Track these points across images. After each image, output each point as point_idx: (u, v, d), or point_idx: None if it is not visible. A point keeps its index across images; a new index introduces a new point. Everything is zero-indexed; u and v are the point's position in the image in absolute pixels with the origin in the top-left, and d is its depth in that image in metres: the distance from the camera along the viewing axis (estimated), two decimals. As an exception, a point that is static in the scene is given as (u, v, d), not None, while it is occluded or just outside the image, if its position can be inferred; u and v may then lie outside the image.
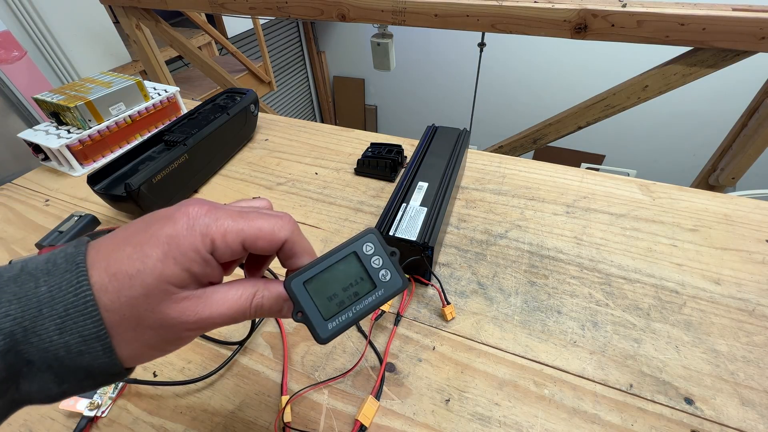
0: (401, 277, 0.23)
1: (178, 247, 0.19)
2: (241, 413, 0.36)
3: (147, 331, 0.19)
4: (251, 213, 0.22)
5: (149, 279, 0.18)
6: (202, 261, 0.20)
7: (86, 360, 0.18)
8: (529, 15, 0.88)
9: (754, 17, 0.74)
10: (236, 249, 0.21)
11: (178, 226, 0.20)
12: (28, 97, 1.52)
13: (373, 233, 0.24)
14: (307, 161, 0.70)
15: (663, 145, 3.02)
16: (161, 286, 0.19)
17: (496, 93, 3.26)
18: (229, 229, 0.20)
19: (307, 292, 0.22)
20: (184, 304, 0.20)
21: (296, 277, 0.22)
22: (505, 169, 0.65)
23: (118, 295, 0.18)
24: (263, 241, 0.21)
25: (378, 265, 0.23)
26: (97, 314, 0.18)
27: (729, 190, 1.07)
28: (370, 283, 0.23)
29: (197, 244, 0.19)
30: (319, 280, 0.22)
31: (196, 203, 0.21)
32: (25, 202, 0.65)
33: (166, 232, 0.19)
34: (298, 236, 0.23)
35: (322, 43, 3.80)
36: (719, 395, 0.36)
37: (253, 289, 0.22)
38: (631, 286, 0.45)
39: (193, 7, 1.30)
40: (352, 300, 0.23)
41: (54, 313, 0.17)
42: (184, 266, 0.19)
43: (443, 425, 0.35)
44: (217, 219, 0.20)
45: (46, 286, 0.18)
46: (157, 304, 0.19)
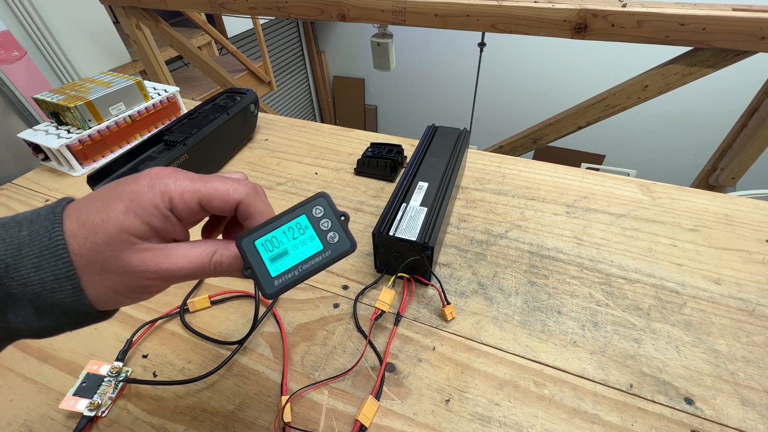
0: (349, 239, 0.24)
1: (139, 202, 0.21)
2: (241, 413, 0.36)
3: (111, 275, 0.21)
4: (212, 176, 0.24)
5: (111, 228, 0.21)
6: (162, 216, 0.22)
7: (59, 297, 0.20)
8: (529, 15, 0.88)
9: (754, 17, 0.74)
10: (194, 207, 0.23)
11: (140, 184, 0.22)
12: (28, 97, 1.52)
13: (324, 197, 0.25)
14: (307, 161, 0.70)
15: (663, 145, 3.02)
16: (122, 235, 0.21)
17: (496, 93, 3.26)
18: (187, 189, 0.22)
19: (257, 250, 0.23)
20: (145, 254, 0.22)
21: (247, 236, 0.23)
22: (505, 169, 0.65)
23: (85, 241, 0.21)
24: (218, 200, 0.23)
25: (327, 227, 0.24)
26: (67, 256, 0.20)
27: (729, 190, 1.07)
28: (319, 244, 0.24)
29: (156, 200, 0.22)
30: (270, 239, 0.24)
31: (161, 168, 0.24)
32: (25, 202, 0.65)
33: (130, 188, 0.22)
34: (255, 199, 0.24)
35: (322, 43, 3.80)
36: (719, 395, 0.36)
37: (213, 247, 0.23)
38: (631, 286, 0.45)
39: (193, 7, 1.30)
40: (299, 259, 0.24)
41: (31, 253, 0.20)
42: (143, 219, 0.21)
43: (443, 425, 0.35)
44: (177, 180, 0.23)
45: (27, 231, 0.21)
46: (118, 251, 0.21)
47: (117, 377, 0.38)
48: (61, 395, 0.38)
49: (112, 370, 0.38)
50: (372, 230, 0.44)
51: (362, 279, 0.48)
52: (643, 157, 3.13)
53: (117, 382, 0.38)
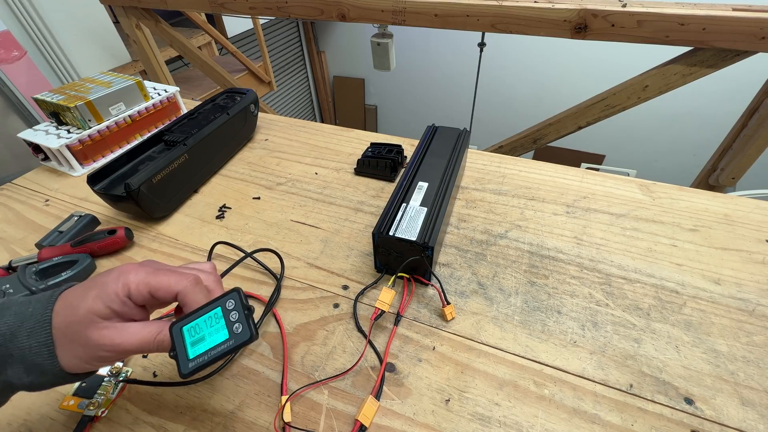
0: (249, 331, 0.27)
1: (105, 291, 0.27)
2: (241, 413, 0.36)
3: (77, 347, 0.27)
4: (164, 271, 0.29)
5: (83, 310, 0.27)
6: (121, 302, 0.27)
7: (39, 360, 0.26)
8: (529, 15, 0.88)
9: (754, 17, 0.74)
10: (145, 296, 0.28)
11: (110, 277, 0.28)
12: (28, 97, 1.52)
13: (237, 292, 0.29)
14: (307, 161, 0.70)
15: (663, 145, 3.02)
16: (88, 316, 0.26)
17: (496, 93, 3.26)
18: (141, 281, 0.28)
19: (182, 335, 0.28)
20: (104, 332, 0.27)
21: (178, 323, 0.28)
22: (505, 169, 0.65)
23: (64, 319, 0.27)
24: (162, 291, 0.28)
25: (234, 319, 0.28)
26: (49, 329, 0.26)
27: (729, 190, 1.07)
28: (225, 333, 0.28)
29: (117, 290, 0.27)
30: (194, 326, 0.28)
31: (135, 263, 0.30)
32: (25, 202, 0.65)
33: (103, 280, 0.28)
34: (191, 291, 0.29)
35: (322, 43, 3.80)
36: (719, 395, 0.36)
37: (158, 329, 0.28)
38: (631, 286, 0.45)
39: (193, 7, 1.30)
40: (210, 345, 0.27)
41: (29, 325, 0.26)
42: (106, 303, 0.27)
43: (443, 425, 0.35)
44: (137, 274, 0.28)
45: (31, 309, 0.27)
46: (85, 327, 0.26)
47: (117, 377, 0.38)
48: (61, 395, 0.38)
49: (112, 370, 0.38)
50: (372, 230, 0.44)
51: (362, 279, 0.48)
52: (643, 157, 3.13)
53: (117, 382, 0.38)
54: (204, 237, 0.56)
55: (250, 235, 0.55)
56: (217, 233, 0.56)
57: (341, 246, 0.53)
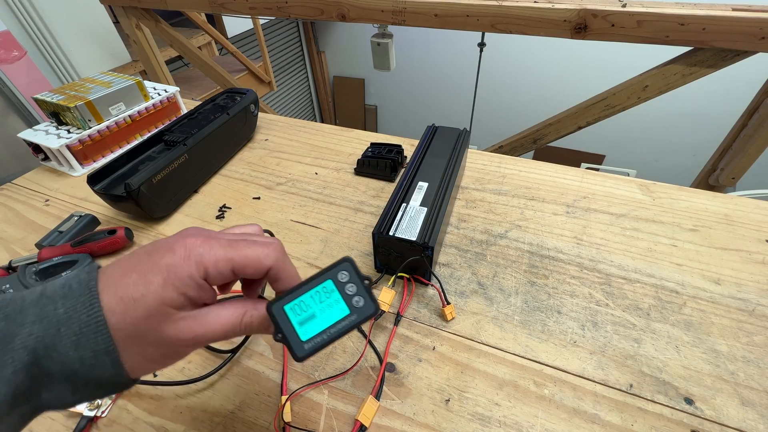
0: (373, 303, 0.25)
1: (176, 275, 0.22)
2: (241, 413, 0.36)
3: (148, 346, 0.22)
4: (241, 242, 0.24)
5: (151, 302, 0.21)
6: (197, 286, 0.22)
7: (97, 372, 0.21)
8: (529, 15, 0.88)
9: (754, 17, 0.74)
10: (227, 275, 0.24)
11: (176, 255, 0.22)
12: (28, 97, 1.52)
13: (349, 262, 0.26)
14: (307, 161, 0.70)
15: (663, 145, 3.02)
16: (161, 308, 0.21)
17: (496, 93, 3.26)
18: (220, 258, 0.23)
19: (286, 315, 0.24)
20: (182, 323, 0.22)
21: (277, 302, 0.24)
22: (505, 169, 0.65)
23: (124, 316, 0.21)
24: (250, 268, 0.24)
25: (352, 292, 0.25)
26: (107, 332, 0.20)
27: (729, 190, 1.07)
28: (345, 308, 0.25)
29: (192, 272, 0.22)
30: (298, 303, 0.25)
31: (193, 234, 0.24)
32: (25, 202, 0.65)
33: (167, 261, 0.22)
34: (283, 263, 0.25)
35: (322, 43, 3.80)
36: (719, 395, 0.36)
37: (243, 309, 0.24)
38: (631, 286, 0.45)
39: (193, 7, 1.30)
40: (327, 323, 0.25)
41: (70, 331, 0.20)
42: (180, 291, 0.22)
43: (443, 425, 0.35)
44: (211, 248, 0.23)
45: (63, 308, 0.20)
46: (157, 323, 0.21)
47: (117, 377, 0.38)
48: (61, 395, 0.38)
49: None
50: (372, 230, 0.44)
51: (362, 279, 0.48)
52: (643, 157, 3.13)
53: (117, 382, 0.38)
54: (204, 237, 0.56)
55: (250, 235, 0.55)
56: (217, 233, 0.56)
57: (341, 246, 0.53)
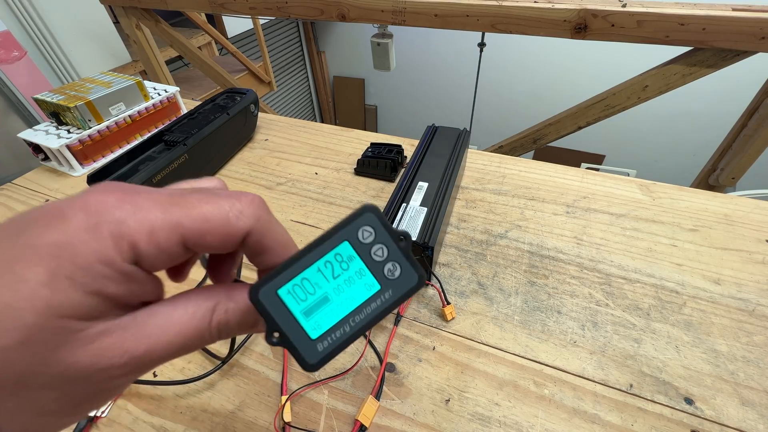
0: (416, 270, 0.17)
1: (74, 260, 0.13)
2: (241, 413, 0.36)
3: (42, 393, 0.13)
4: (192, 195, 0.15)
5: (28, 316, 0.12)
6: (120, 276, 0.13)
7: None
8: (529, 15, 0.88)
9: (754, 17, 0.74)
10: (174, 251, 0.14)
11: (70, 226, 0.13)
12: (28, 97, 1.52)
13: (372, 212, 0.17)
14: (307, 161, 0.70)
15: (663, 145, 3.02)
16: (51, 323, 0.12)
17: (496, 93, 3.26)
18: (158, 224, 0.14)
19: (283, 302, 0.16)
20: (101, 342, 0.13)
21: (266, 284, 0.16)
22: (505, 169, 0.65)
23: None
24: (213, 235, 0.15)
25: (381, 257, 0.17)
26: None
27: (729, 190, 1.07)
28: (373, 282, 0.17)
29: (108, 252, 0.13)
30: (299, 283, 0.16)
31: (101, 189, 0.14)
32: (25, 202, 0.65)
33: (52, 238, 0.13)
34: (268, 223, 0.16)
35: (322, 43, 3.80)
36: (719, 395, 0.36)
37: (209, 302, 0.16)
38: (631, 286, 0.45)
39: (193, 7, 1.30)
40: (349, 307, 0.16)
41: None
42: (88, 288, 0.13)
43: (443, 425, 0.35)
44: (138, 210, 0.14)
45: None
46: (50, 351, 0.12)
47: (117, 377, 0.38)
48: (61, 395, 0.38)
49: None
50: (372, 230, 0.44)
51: (362, 279, 0.48)
52: (643, 157, 3.13)
53: (117, 382, 0.38)
54: (204, 237, 0.56)
55: (250, 235, 0.55)
56: (217, 233, 0.56)
57: (341, 246, 0.53)
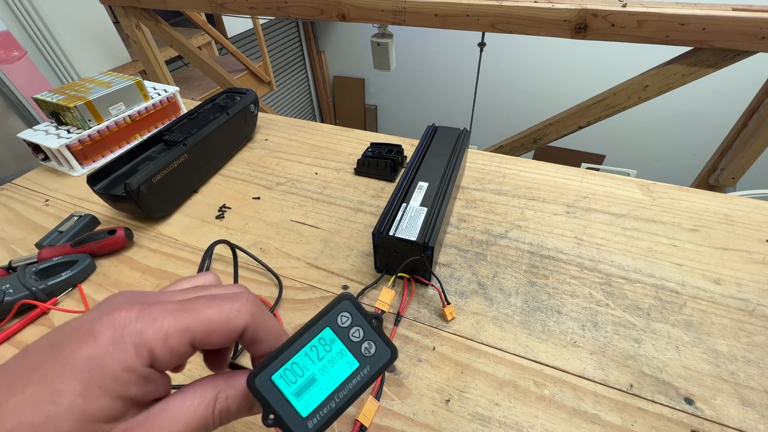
0: (389, 347, 0.20)
1: (104, 372, 0.15)
2: (241, 413, 0.36)
3: None
4: (196, 301, 0.18)
5: (66, 425, 0.14)
6: (140, 380, 0.16)
7: None
8: (529, 15, 0.88)
9: (754, 17, 0.74)
10: (184, 351, 0.17)
11: (100, 342, 0.15)
12: (28, 97, 1.52)
13: (349, 299, 0.20)
14: (307, 161, 0.70)
15: (663, 145, 3.02)
16: (85, 428, 0.15)
17: (496, 93, 3.26)
18: (172, 331, 0.17)
19: (276, 387, 0.18)
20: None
21: (261, 372, 0.18)
22: (505, 169, 0.65)
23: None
24: (217, 335, 0.18)
25: (359, 338, 0.20)
26: None
27: (729, 190, 1.07)
28: (352, 360, 0.20)
29: (131, 361, 0.16)
30: (290, 368, 0.19)
31: (121, 304, 0.17)
32: (25, 202, 0.65)
33: (85, 353, 0.15)
34: (260, 318, 0.19)
35: (322, 43, 3.80)
36: (719, 395, 0.36)
37: (212, 391, 0.18)
38: (631, 286, 0.45)
39: (193, 7, 1.30)
40: (333, 385, 0.19)
41: None
42: (115, 393, 0.15)
43: (443, 425, 0.35)
44: (154, 321, 0.17)
45: None
46: None
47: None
48: (61, 395, 0.38)
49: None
50: (372, 230, 0.44)
51: (362, 279, 0.48)
52: (643, 157, 3.13)
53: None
54: (204, 237, 0.56)
55: (250, 236, 0.55)
56: (217, 233, 0.56)
57: (341, 246, 0.53)
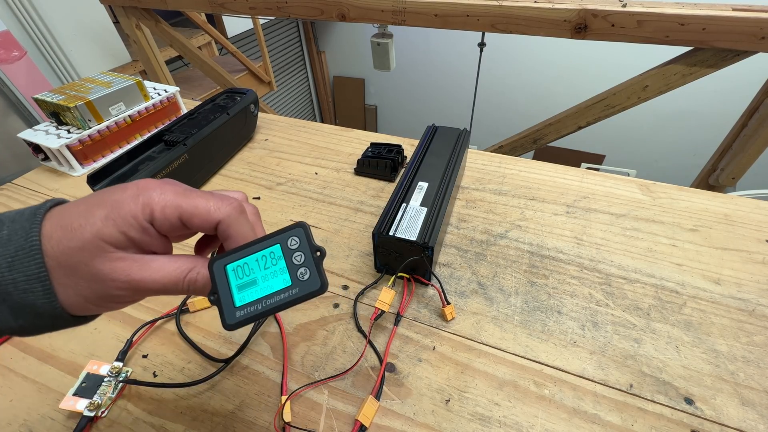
0: (320, 279, 0.22)
1: (119, 211, 0.21)
2: (241, 413, 0.36)
3: (80, 281, 0.21)
4: (200, 193, 0.24)
5: (87, 234, 0.20)
6: (140, 228, 0.22)
7: (31, 298, 0.20)
8: (529, 15, 0.88)
9: (754, 17, 0.74)
10: (174, 222, 0.22)
11: (125, 193, 0.22)
12: (28, 97, 1.52)
13: (302, 227, 0.23)
14: (307, 161, 0.70)
15: (663, 145, 3.02)
16: (96, 242, 0.21)
17: (496, 93, 3.26)
18: (168, 203, 0.22)
19: (227, 275, 0.22)
20: (118, 263, 0.21)
21: (220, 259, 0.23)
22: (505, 169, 0.65)
23: (59, 244, 0.20)
24: (198, 218, 0.23)
25: (299, 262, 0.23)
26: (40, 257, 0.20)
27: (729, 190, 1.07)
28: (288, 278, 0.22)
29: (137, 211, 0.21)
30: (241, 265, 0.22)
31: (155, 180, 0.23)
32: (25, 202, 0.65)
33: (114, 197, 0.22)
34: (236, 220, 0.23)
35: (322, 43, 3.80)
36: (719, 395, 0.36)
37: (191, 264, 0.23)
38: (631, 286, 0.45)
39: (193, 7, 1.30)
40: (265, 292, 0.22)
41: (6, 252, 0.20)
42: (121, 229, 0.21)
43: (443, 425, 0.35)
44: (162, 193, 0.22)
45: (6, 230, 0.20)
46: (90, 257, 0.21)
47: (117, 377, 0.38)
48: (61, 395, 0.38)
49: (112, 370, 0.38)
50: (372, 230, 0.44)
51: (362, 279, 0.48)
52: (643, 157, 3.13)
53: (117, 382, 0.38)
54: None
55: (250, 235, 0.55)
56: (217, 233, 0.56)
57: (341, 246, 0.53)
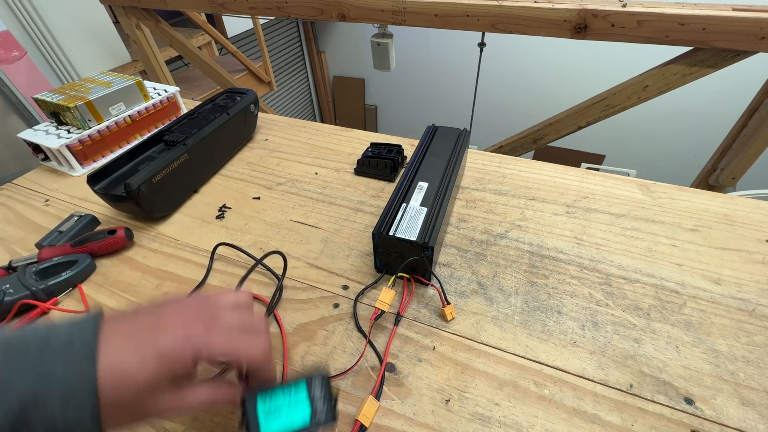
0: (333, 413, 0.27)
1: (172, 359, 0.24)
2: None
3: (128, 416, 0.24)
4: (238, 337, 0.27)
5: (142, 382, 0.23)
6: (186, 372, 0.25)
7: (76, 430, 0.22)
8: (529, 15, 0.88)
9: (754, 17, 0.74)
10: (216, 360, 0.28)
11: (177, 341, 0.25)
12: (28, 97, 1.52)
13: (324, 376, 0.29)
14: (307, 161, 0.70)
15: (663, 145, 3.02)
16: (150, 388, 0.24)
17: (496, 93, 3.26)
18: (217, 352, 0.26)
19: (255, 401, 0.27)
20: (164, 400, 0.25)
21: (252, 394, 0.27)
22: (505, 169, 0.65)
23: (115, 390, 0.23)
24: (240, 361, 0.28)
25: (318, 396, 0.28)
26: (96, 401, 0.22)
27: (729, 190, 1.07)
28: (308, 408, 0.27)
29: (187, 359, 0.25)
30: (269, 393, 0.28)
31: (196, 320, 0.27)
32: (25, 202, 0.65)
33: (166, 342, 0.24)
34: (266, 363, 0.28)
35: (322, 43, 3.80)
36: (719, 395, 0.36)
37: (219, 394, 0.28)
38: (631, 286, 0.45)
39: (193, 7, 1.30)
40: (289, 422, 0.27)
41: (60, 391, 0.21)
42: (171, 373, 0.24)
43: (443, 425, 0.35)
44: (211, 344, 0.26)
45: (61, 368, 0.22)
46: (143, 401, 0.24)
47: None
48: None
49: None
50: (372, 230, 0.44)
51: (362, 279, 0.48)
52: (643, 157, 3.13)
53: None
54: (204, 237, 0.56)
55: (250, 235, 0.55)
56: (217, 233, 0.56)
57: (341, 246, 0.53)
